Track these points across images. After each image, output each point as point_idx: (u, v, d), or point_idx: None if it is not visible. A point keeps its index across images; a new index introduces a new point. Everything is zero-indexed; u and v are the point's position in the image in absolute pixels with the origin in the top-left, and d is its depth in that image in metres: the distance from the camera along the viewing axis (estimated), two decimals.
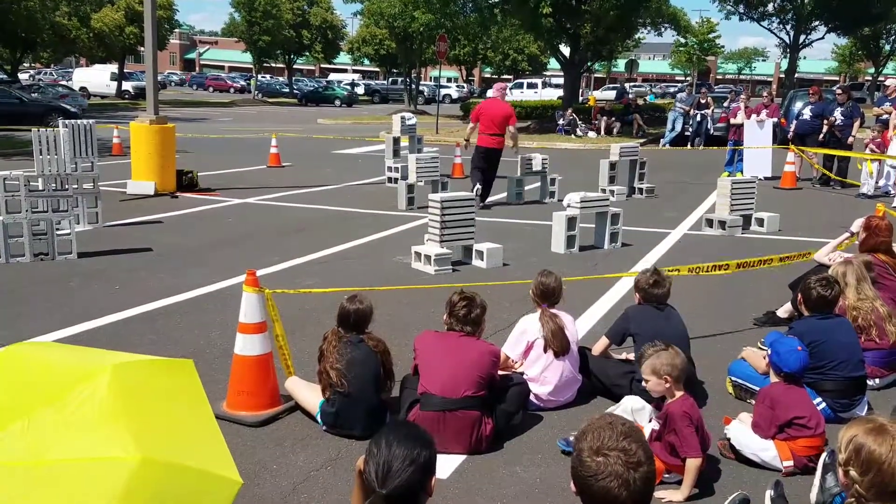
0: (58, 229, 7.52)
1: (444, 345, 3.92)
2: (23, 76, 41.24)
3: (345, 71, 78.18)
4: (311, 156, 17.75)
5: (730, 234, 9.07)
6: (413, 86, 46.28)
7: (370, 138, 20.64)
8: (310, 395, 4.08)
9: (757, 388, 4.13)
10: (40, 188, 7.73)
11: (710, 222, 9.38)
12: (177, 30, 64.02)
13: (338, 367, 3.88)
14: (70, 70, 55.73)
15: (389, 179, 13.27)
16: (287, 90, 57.14)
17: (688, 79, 56.87)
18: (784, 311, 5.73)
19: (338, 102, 48.58)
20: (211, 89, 63.58)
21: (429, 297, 6.10)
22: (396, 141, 14.10)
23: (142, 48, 42.46)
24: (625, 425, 1.93)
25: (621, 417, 2.05)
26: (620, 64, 46.39)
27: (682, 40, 53.02)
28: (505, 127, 10.70)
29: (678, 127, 20.09)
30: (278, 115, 36.05)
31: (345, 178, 14.01)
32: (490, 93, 12.20)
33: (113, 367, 1.66)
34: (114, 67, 46.45)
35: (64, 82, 43.94)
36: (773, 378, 3.75)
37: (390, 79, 61.10)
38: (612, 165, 11.90)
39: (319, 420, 3.99)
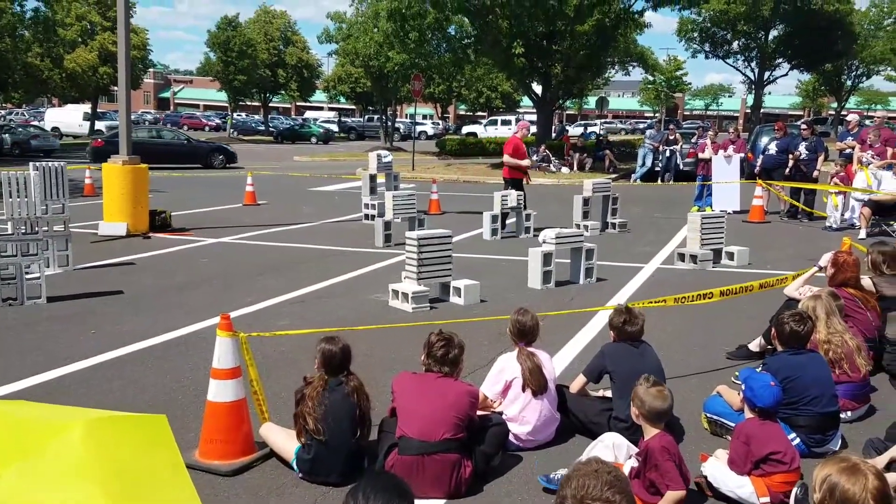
0: (27, 273, 7.38)
1: (422, 386, 3.89)
2: None
3: (321, 109, 78.65)
4: (287, 193, 17.73)
5: (701, 268, 9.20)
6: (389, 123, 46.68)
7: (347, 176, 20.70)
8: (285, 442, 4.00)
9: (732, 425, 4.15)
10: (9, 232, 7.60)
11: (682, 256, 9.50)
12: (151, 69, 63.97)
13: (316, 414, 3.81)
14: (42, 110, 55.37)
15: (366, 216, 13.29)
16: (263, 128, 57.24)
17: (656, 115, 58.10)
18: (755, 345, 5.78)
19: (314, 140, 48.75)
20: (185, 128, 63.38)
21: (407, 336, 6.07)
22: (373, 178, 14.17)
23: (115, 88, 42.41)
24: (610, 474, 1.91)
25: (607, 465, 2.03)
26: (591, 101, 47.32)
27: (651, 78, 54.34)
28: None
29: (648, 162, 20.46)
30: (254, 153, 36.02)
31: (321, 215, 14.00)
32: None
33: (85, 422, 1.64)
34: (87, 107, 46.23)
35: (36, 122, 43.63)
36: (748, 414, 3.77)
37: (366, 116, 61.61)
38: (586, 201, 12.06)
39: (295, 467, 3.91)
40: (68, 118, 46.05)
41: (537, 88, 28.72)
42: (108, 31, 40.41)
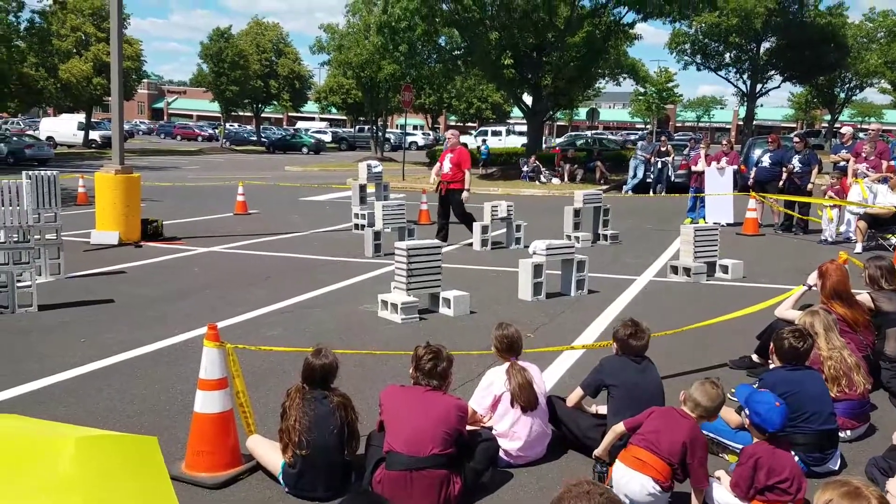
0: (19, 281, 7.33)
1: (410, 400, 3.85)
2: None
3: (312, 119, 78.74)
4: (278, 203, 17.71)
5: (695, 281, 9.18)
6: (379, 133, 46.76)
7: (337, 185, 20.69)
8: (272, 455, 3.97)
9: (729, 443, 4.11)
10: (1, 240, 7.56)
11: (675, 269, 9.48)
12: (145, 80, 63.99)
13: (300, 427, 3.78)
14: (37, 119, 55.21)
15: (356, 226, 13.27)
16: (255, 138, 57.27)
17: (648, 126, 58.44)
18: (757, 358, 5.76)
19: (305, 150, 48.81)
20: (179, 138, 63.45)
21: (397, 347, 6.05)
22: (363, 188, 14.16)
23: (109, 98, 42.31)
24: (602, 496, 1.87)
25: (599, 486, 1.98)
26: (582, 112, 47.51)
27: (642, 89, 54.62)
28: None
29: (640, 174, 20.51)
30: (246, 163, 36.02)
31: (312, 225, 13.98)
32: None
33: (76, 440, 1.65)
34: (81, 117, 46.15)
35: (31, 131, 43.48)
36: (756, 437, 3.70)
37: (357, 126, 61.72)
38: (577, 212, 12.07)
39: (282, 481, 3.87)
40: (63, 128, 45.89)
41: (527, 99, 28.87)
42: (102, 42, 40.38)
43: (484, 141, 36.50)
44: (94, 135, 45.07)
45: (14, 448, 1.66)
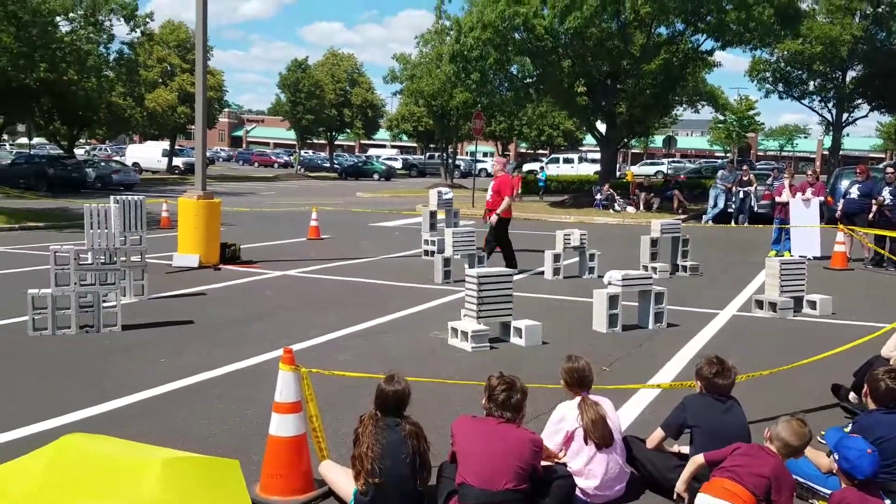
0: (104, 302, 7.62)
1: (483, 431, 3.76)
2: (78, 151, 43.19)
3: (383, 146, 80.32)
4: (349, 228, 18.00)
5: (781, 317, 8.76)
6: (450, 160, 47.17)
7: (407, 212, 20.91)
8: (344, 482, 3.93)
9: (819, 488, 3.85)
10: (89, 261, 7.89)
11: (759, 304, 9.08)
12: (226, 109, 66.97)
13: (373, 455, 3.73)
14: (123, 146, 58.32)
15: (426, 252, 13.32)
16: (328, 165, 58.81)
17: (728, 155, 56.90)
18: (853, 396, 5.43)
19: (376, 176, 49.77)
20: (256, 164, 65.84)
21: (467, 376, 5.95)
22: (433, 214, 14.23)
23: (192, 126, 44.40)
24: None
25: None
26: (658, 139, 46.70)
27: (721, 117, 53.34)
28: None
29: (721, 203, 19.99)
30: (319, 189, 36.93)
31: (382, 250, 14.12)
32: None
33: (163, 462, 1.69)
34: (165, 144, 48.45)
35: (118, 158, 45.95)
36: (845, 483, 3.51)
37: (427, 153, 62.54)
38: (654, 242, 11.75)
39: None
40: (148, 154, 48.31)
41: (601, 127, 28.58)
42: (186, 72, 42.45)
43: (541, 168, 36.35)
44: (178, 161, 47.27)
45: (103, 468, 1.70)
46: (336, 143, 62.51)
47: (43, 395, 5.62)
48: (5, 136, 43.35)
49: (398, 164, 59.35)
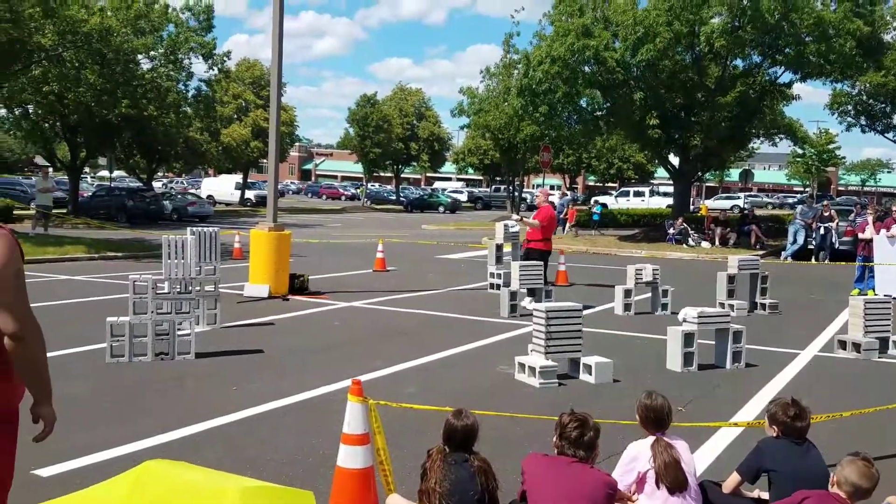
0: (179, 330, 7.83)
1: (555, 471, 3.62)
2: (155, 184, 45.20)
3: (449, 179, 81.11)
4: (415, 260, 18.10)
5: (865, 358, 8.29)
6: (516, 193, 47.18)
7: (473, 244, 20.91)
8: None
9: None
10: (166, 291, 8.15)
11: (842, 344, 8.63)
12: (297, 143, 68.98)
13: (441, 490, 3.65)
14: (199, 179, 60.77)
15: (492, 286, 13.23)
16: (394, 197, 59.71)
17: (807, 189, 54.96)
18: None
19: (442, 209, 50.13)
20: (324, 197, 67.52)
21: (535, 413, 5.81)
22: (499, 247, 14.14)
23: (264, 160, 45.96)
24: None
25: None
26: (734, 173, 45.56)
27: (800, 151, 51.71)
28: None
29: (800, 240, 19.28)
30: (385, 222, 37.44)
31: (447, 283, 14.10)
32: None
33: (241, 490, 1.71)
34: (238, 177, 50.22)
35: (193, 190, 47.86)
36: None
37: (493, 186, 62.77)
38: (731, 278, 11.36)
39: None
40: (222, 187, 50.11)
41: (674, 160, 28.06)
42: (260, 108, 44.05)
43: (596, 202, 35.83)
44: (249, 194, 48.86)
45: (184, 495, 1.72)
46: (402, 175, 63.54)
47: (119, 421, 5.77)
48: (87, 169, 45.68)
49: (464, 197, 59.72)
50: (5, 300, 2.48)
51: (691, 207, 31.93)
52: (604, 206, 36.07)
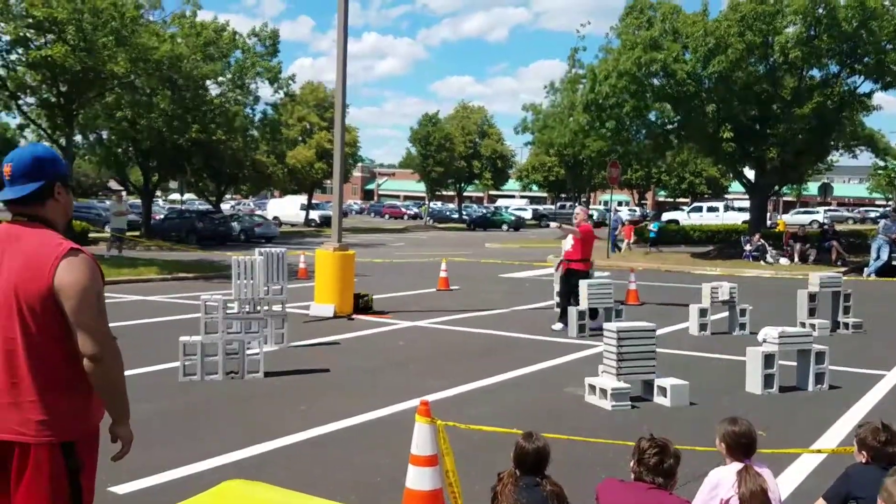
0: (248, 349, 7.94)
1: (633, 497, 3.46)
2: (224, 206, 46.64)
3: (512, 197, 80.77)
4: (478, 279, 17.98)
5: None
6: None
7: (537, 263, 20.64)
8: None
9: None
10: (235, 311, 8.30)
11: None
12: (360, 164, 70.12)
13: None
14: (265, 200, 62.40)
15: (557, 304, 12.98)
16: (456, 216, 59.80)
17: (890, 203, 52.33)
18: None
19: (505, 227, 49.90)
20: (387, 216, 68.29)
21: (607, 437, 5.59)
22: None
23: (328, 181, 46.83)
24: None
25: None
26: (812, 187, 43.85)
27: (882, 163, 49.38)
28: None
29: (884, 256, 18.33)
30: (448, 240, 37.48)
31: (512, 302, 13.93)
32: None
33: None
34: (303, 199, 51.36)
35: (259, 212, 49.15)
36: None
37: (558, 203, 62.12)
38: (812, 297, 10.85)
39: None
40: (287, 208, 51.32)
41: (749, 174, 27.10)
42: (324, 130, 45.01)
43: (653, 218, 34.76)
44: (314, 214, 49.79)
45: None
46: (465, 194, 63.67)
47: (192, 439, 5.86)
48: (159, 193, 47.47)
49: (527, 215, 59.22)
50: (87, 322, 2.52)
51: (768, 223, 30.77)
52: (666, 222, 35.03)
